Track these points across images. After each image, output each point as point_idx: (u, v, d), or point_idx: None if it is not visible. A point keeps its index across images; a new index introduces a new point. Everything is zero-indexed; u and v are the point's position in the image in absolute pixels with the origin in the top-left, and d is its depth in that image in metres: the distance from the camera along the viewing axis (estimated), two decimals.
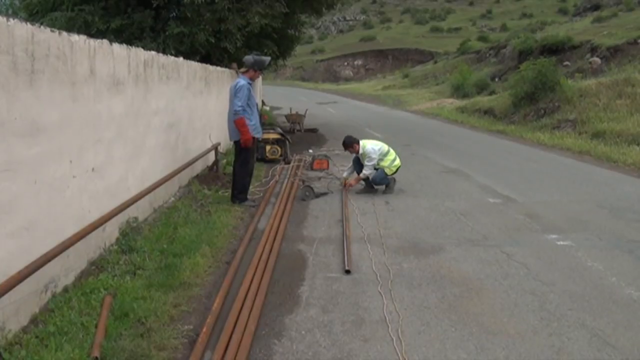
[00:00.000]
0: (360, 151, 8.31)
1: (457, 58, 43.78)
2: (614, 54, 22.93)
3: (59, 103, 3.94)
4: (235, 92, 6.91)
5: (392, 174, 8.35)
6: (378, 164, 8.24)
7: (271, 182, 8.86)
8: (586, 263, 5.22)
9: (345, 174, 8.68)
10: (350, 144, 8.45)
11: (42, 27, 3.69)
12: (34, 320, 3.57)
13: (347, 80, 65.37)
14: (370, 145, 8.28)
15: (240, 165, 7.23)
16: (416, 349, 3.54)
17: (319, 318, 3.98)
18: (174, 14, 12.50)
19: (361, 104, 33.31)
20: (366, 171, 8.15)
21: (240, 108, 6.81)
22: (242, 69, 7.31)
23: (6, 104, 3.22)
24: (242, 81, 6.96)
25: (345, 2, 17.97)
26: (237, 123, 6.87)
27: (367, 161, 8.16)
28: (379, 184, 8.35)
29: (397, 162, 8.37)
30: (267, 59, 7.39)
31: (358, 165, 8.48)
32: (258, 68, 7.22)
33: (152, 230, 5.73)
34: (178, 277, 4.52)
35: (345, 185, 8.45)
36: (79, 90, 4.27)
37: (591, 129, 14.89)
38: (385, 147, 8.39)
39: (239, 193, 7.28)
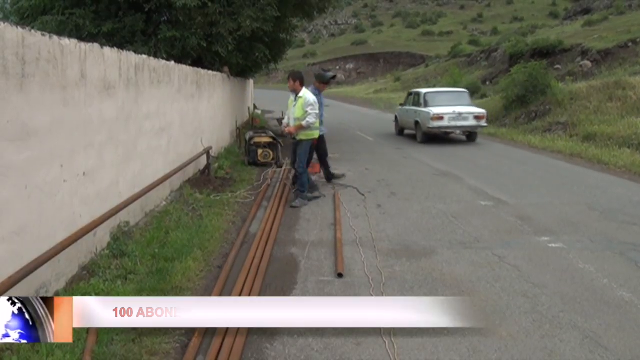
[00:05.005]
0: (301, 94, 7.68)
1: (449, 61, 43.93)
2: (604, 57, 23.05)
3: (50, 107, 3.92)
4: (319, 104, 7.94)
5: (313, 137, 7.91)
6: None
7: (263, 186, 8.85)
8: (578, 265, 5.24)
9: (285, 120, 8.31)
10: (296, 78, 7.80)
11: (32, 30, 3.68)
12: None
13: (339, 83, 65.34)
14: (312, 96, 7.74)
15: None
16: (408, 352, 3.54)
17: None
18: (166, 17, 12.49)
19: (353, 108, 33.44)
20: (310, 119, 7.57)
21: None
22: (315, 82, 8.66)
23: None
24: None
25: (337, 6, 18.05)
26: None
27: (311, 109, 7.59)
28: (303, 183, 7.79)
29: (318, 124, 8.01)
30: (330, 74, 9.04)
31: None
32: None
33: (144, 235, 5.71)
34: (170, 281, 4.51)
35: (287, 132, 8.00)
36: (69, 94, 4.26)
37: (582, 132, 14.95)
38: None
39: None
